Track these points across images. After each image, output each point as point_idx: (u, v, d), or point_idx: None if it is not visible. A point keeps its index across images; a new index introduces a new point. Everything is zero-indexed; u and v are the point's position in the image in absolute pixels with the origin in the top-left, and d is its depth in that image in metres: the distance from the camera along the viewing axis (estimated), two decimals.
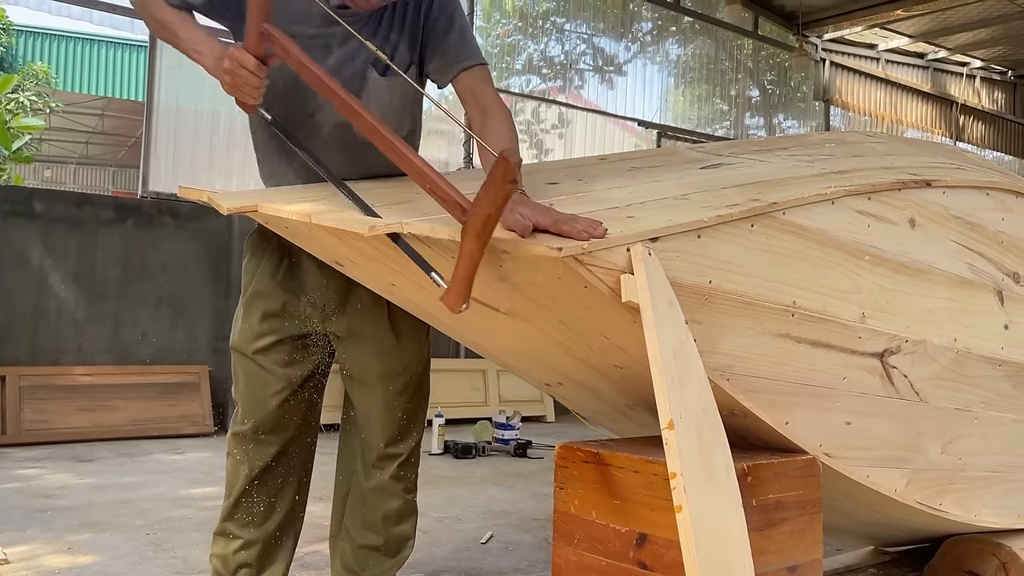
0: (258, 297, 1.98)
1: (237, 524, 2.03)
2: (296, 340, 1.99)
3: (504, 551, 2.98)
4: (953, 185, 2.10)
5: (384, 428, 2.05)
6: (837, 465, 1.90)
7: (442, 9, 1.89)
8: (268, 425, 1.99)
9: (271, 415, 1.99)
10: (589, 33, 8.95)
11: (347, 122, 1.59)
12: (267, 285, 1.98)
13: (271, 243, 1.98)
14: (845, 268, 1.80)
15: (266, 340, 1.98)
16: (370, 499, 2.08)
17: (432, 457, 4.91)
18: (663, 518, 1.58)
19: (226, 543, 2.03)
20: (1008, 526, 2.47)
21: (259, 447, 2.00)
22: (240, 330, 2.01)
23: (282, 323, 1.98)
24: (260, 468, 2.01)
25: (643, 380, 1.59)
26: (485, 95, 1.86)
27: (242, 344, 2.00)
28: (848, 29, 10.41)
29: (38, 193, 5.56)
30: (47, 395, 5.01)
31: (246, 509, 2.02)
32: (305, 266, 1.97)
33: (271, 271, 1.98)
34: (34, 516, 3.24)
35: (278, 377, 1.98)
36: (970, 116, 12.38)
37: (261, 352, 1.98)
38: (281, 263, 1.98)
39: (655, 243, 1.43)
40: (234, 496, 2.02)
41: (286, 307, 1.97)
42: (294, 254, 1.97)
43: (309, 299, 1.98)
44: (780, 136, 9.22)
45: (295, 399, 2.01)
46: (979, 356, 2.16)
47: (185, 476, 4.11)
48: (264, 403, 1.98)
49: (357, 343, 2.00)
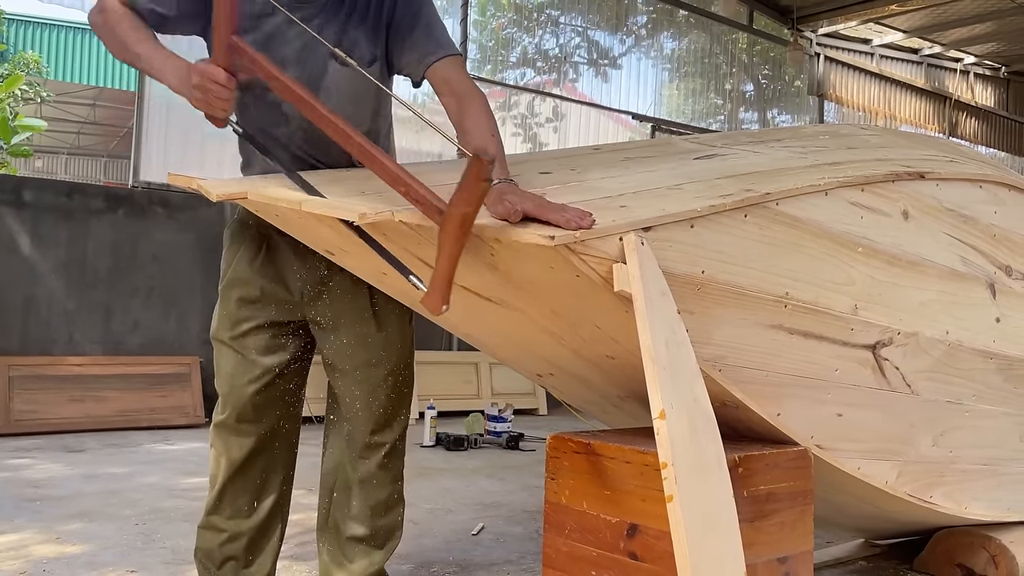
0: (235, 284, 1.98)
1: (222, 517, 2.02)
2: (275, 327, 1.99)
3: (495, 542, 2.98)
4: (946, 178, 2.10)
5: (368, 417, 2.04)
6: (828, 457, 1.90)
7: (407, 5, 1.87)
8: (248, 414, 1.98)
9: (250, 403, 1.98)
10: (584, 26, 8.93)
11: None
12: (245, 272, 1.97)
13: (250, 231, 1.98)
14: (838, 259, 1.79)
15: (244, 326, 1.97)
16: (357, 490, 2.07)
17: (424, 449, 4.91)
18: (654, 509, 1.57)
19: (212, 536, 2.02)
20: (998, 519, 2.48)
21: (240, 437, 1.99)
22: (218, 317, 2.00)
23: (259, 309, 1.97)
24: (242, 458, 2.00)
25: (635, 370, 1.58)
26: (459, 83, 1.84)
27: (220, 331, 1.99)
28: (843, 24, 10.41)
29: (28, 182, 5.53)
30: (37, 385, 4.99)
31: (231, 501, 2.01)
32: (283, 253, 1.96)
33: (249, 258, 1.98)
34: (23, 506, 3.22)
35: (256, 364, 1.97)
36: (964, 112, 12.40)
37: (238, 338, 1.97)
38: (259, 251, 1.97)
39: (648, 232, 1.42)
40: (218, 488, 2.01)
41: (264, 293, 1.97)
42: (272, 241, 1.97)
43: (287, 286, 1.97)
44: (774, 128, 9.23)
45: (274, 387, 2.00)
46: (971, 349, 2.16)
47: (175, 467, 4.10)
48: (242, 390, 1.97)
49: (338, 330, 2.00)
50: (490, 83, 8.09)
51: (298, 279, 1.97)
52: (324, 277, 1.97)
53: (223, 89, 1.60)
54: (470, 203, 1.28)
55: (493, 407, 5.42)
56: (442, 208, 1.33)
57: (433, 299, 1.36)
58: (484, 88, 8.00)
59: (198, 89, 1.61)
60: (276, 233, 1.94)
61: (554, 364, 1.99)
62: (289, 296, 1.98)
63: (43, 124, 9.73)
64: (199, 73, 1.59)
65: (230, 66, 1.59)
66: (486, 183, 1.27)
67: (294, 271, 1.97)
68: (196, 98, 1.62)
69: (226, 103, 1.62)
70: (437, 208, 1.34)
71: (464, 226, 1.30)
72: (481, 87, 1.93)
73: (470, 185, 1.27)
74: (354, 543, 2.08)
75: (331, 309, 1.98)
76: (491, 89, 8.15)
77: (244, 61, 1.57)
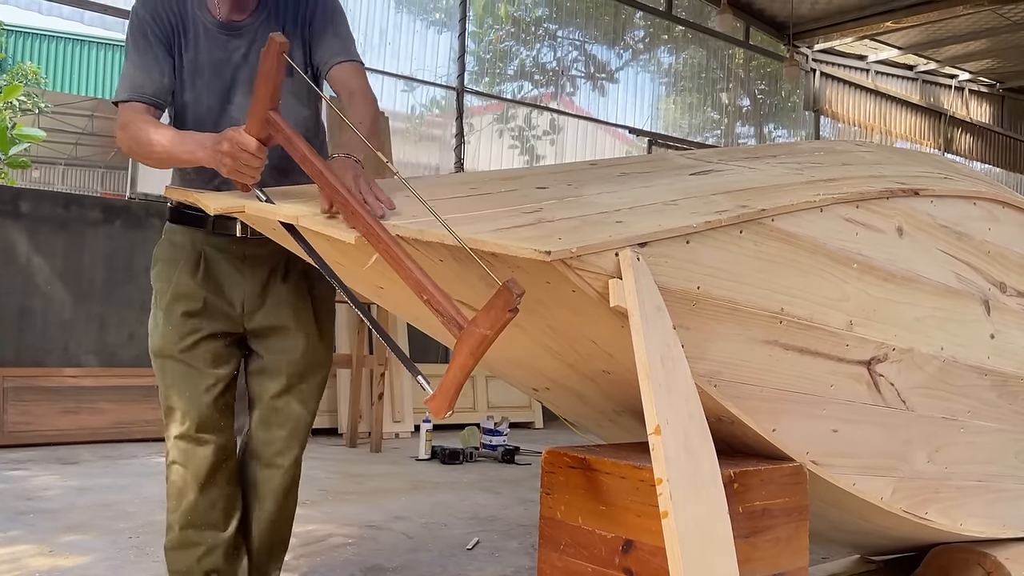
0: (179, 298, 2.00)
1: (197, 530, 2.00)
2: (222, 337, 2.02)
3: (490, 557, 2.97)
4: (941, 194, 2.11)
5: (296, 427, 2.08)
6: (824, 473, 1.90)
7: (323, 13, 2.03)
8: (207, 423, 2.00)
9: (208, 412, 1.99)
10: (581, 40, 8.97)
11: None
12: (187, 285, 2.01)
13: (184, 250, 2.02)
14: (833, 275, 1.80)
15: (192, 338, 2.00)
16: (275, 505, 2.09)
17: (419, 462, 4.90)
18: (649, 524, 1.57)
19: (187, 554, 2.00)
20: (993, 535, 2.48)
21: (203, 447, 1.99)
22: (163, 334, 2.01)
23: (205, 321, 2.00)
24: (208, 469, 2.00)
25: (630, 385, 1.59)
26: (352, 82, 1.97)
27: (168, 347, 2.00)
28: (838, 40, 10.47)
29: (25, 193, 5.52)
30: (32, 396, 4.97)
31: (204, 514, 2.00)
32: (222, 267, 2.02)
33: (190, 271, 2.01)
34: (16, 519, 3.21)
35: (208, 374, 2.00)
36: (959, 128, 12.47)
37: (188, 351, 1.99)
38: (198, 266, 2.01)
39: (644, 248, 1.43)
40: (189, 501, 1.99)
41: (207, 305, 2.01)
42: (209, 255, 2.02)
43: (228, 298, 2.02)
44: (770, 144, 9.26)
45: (224, 397, 2.03)
46: (965, 365, 2.16)
47: None
48: (199, 400, 1.99)
49: (280, 338, 2.04)
50: (487, 96, 8.12)
51: (239, 291, 2.02)
52: (265, 288, 2.03)
53: (254, 158, 1.65)
54: (492, 327, 1.35)
55: (489, 420, 5.41)
56: (462, 324, 1.39)
57: (439, 403, 1.43)
58: (481, 101, 8.06)
59: (228, 156, 1.65)
60: (212, 248, 2.01)
61: (550, 378, 2.00)
62: (231, 308, 2.02)
63: (41, 134, 9.72)
64: (231, 141, 1.65)
65: (264, 137, 1.65)
66: (512, 313, 1.33)
67: (234, 283, 2.02)
68: (226, 164, 1.67)
69: (255, 171, 1.67)
70: (457, 323, 1.40)
71: (482, 346, 1.37)
72: (477, 100, 2.03)
73: (496, 312, 1.34)
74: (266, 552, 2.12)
75: (273, 317, 2.03)
76: (488, 102, 8.19)
77: (278, 137, 1.64)
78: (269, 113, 1.63)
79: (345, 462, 4.82)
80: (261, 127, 1.64)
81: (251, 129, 1.64)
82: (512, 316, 1.34)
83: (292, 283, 2.05)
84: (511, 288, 1.32)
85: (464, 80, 7.69)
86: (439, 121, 7.74)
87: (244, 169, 1.66)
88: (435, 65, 7.66)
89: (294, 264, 2.05)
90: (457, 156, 7.53)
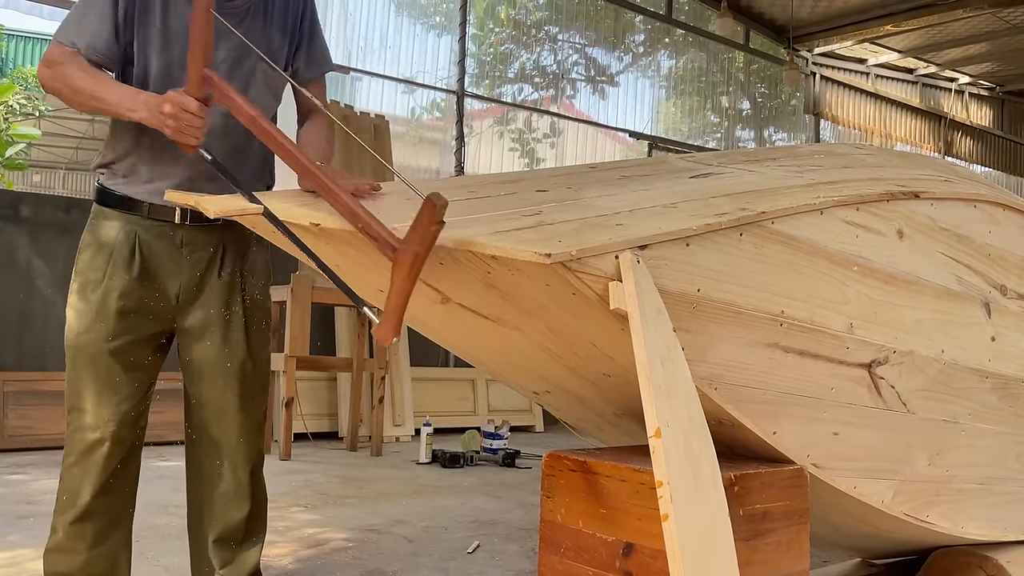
0: (112, 294, 1.92)
1: (81, 539, 1.94)
2: (149, 340, 1.98)
3: (491, 561, 2.97)
4: (941, 197, 2.11)
5: (242, 427, 2.05)
6: (825, 476, 1.89)
7: (313, 15, 2.10)
8: (121, 433, 1.93)
9: (124, 423, 1.93)
10: (582, 43, 8.98)
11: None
12: (123, 280, 1.93)
13: (119, 236, 1.94)
14: (833, 278, 1.80)
15: (122, 340, 1.93)
16: (228, 505, 2.07)
17: (420, 466, 4.89)
18: (650, 527, 1.57)
19: (69, 559, 1.94)
20: (995, 539, 2.47)
21: (109, 459, 1.92)
22: (90, 327, 1.91)
23: (138, 323, 1.94)
24: (106, 479, 1.93)
25: (631, 388, 1.58)
26: (320, 98, 2.11)
27: (96, 342, 1.91)
28: (838, 44, 10.49)
29: (26, 197, 5.54)
30: (32, 401, 4.96)
31: (93, 522, 1.94)
32: (158, 257, 1.95)
33: (124, 264, 1.93)
34: (15, 523, 3.20)
35: (132, 380, 1.94)
36: (959, 131, 12.48)
37: (116, 353, 1.92)
38: (133, 254, 1.94)
39: (644, 251, 1.43)
40: (82, 506, 1.92)
41: (141, 304, 1.94)
42: (144, 244, 1.95)
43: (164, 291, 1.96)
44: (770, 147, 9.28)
45: (143, 404, 1.99)
46: (966, 368, 2.16)
47: (170, 483, 4.07)
48: (118, 408, 1.93)
49: (217, 334, 2.01)
50: (487, 99, 8.13)
51: (175, 281, 1.97)
52: (201, 279, 1.99)
53: (195, 118, 1.68)
54: (422, 244, 1.35)
55: (489, 424, 5.41)
56: (395, 245, 1.39)
57: (385, 330, 1.42)
58: (481, 104, 8.06)
59: (171, 117, 1.68)
60: (147, 234, 1.94)
61: (550, 381, 1.99)
62: (166, 302, 1.97)
63: (37, 132, 9.66)
64: (172, 103, 1.67)
65: (202, 96, 1.67)
66: (438, 226, 1.34)
67: (170, 273, 1.96)
68: (169, 126, 1.69)
69: (198, 131, 1.70)
70: (391, 245, 1.40)
71: (415, 265, 1.37)
72: (478, 103, 2.09)
73: (422, 226, 1.35)
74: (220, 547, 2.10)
75: (209, 312, 2.00)
76: (488, 105, 8.20)
77: (216, 92, 1.66)
78: (204, 71, 1.64)
79: (345, 466, 4.82)
80: (199, 86, 1.66)
81: (190, 89, 1.66)
82: (439, 229, 1.34)
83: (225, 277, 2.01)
84: (435, 201, 1.33)
85: (464, 83, 7.70)
86: (439, 124, 7.74)
87: (187, 130, 1.68)
88: (435, 68, 7.67)
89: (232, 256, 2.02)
90: (457, 159, 7.53)
